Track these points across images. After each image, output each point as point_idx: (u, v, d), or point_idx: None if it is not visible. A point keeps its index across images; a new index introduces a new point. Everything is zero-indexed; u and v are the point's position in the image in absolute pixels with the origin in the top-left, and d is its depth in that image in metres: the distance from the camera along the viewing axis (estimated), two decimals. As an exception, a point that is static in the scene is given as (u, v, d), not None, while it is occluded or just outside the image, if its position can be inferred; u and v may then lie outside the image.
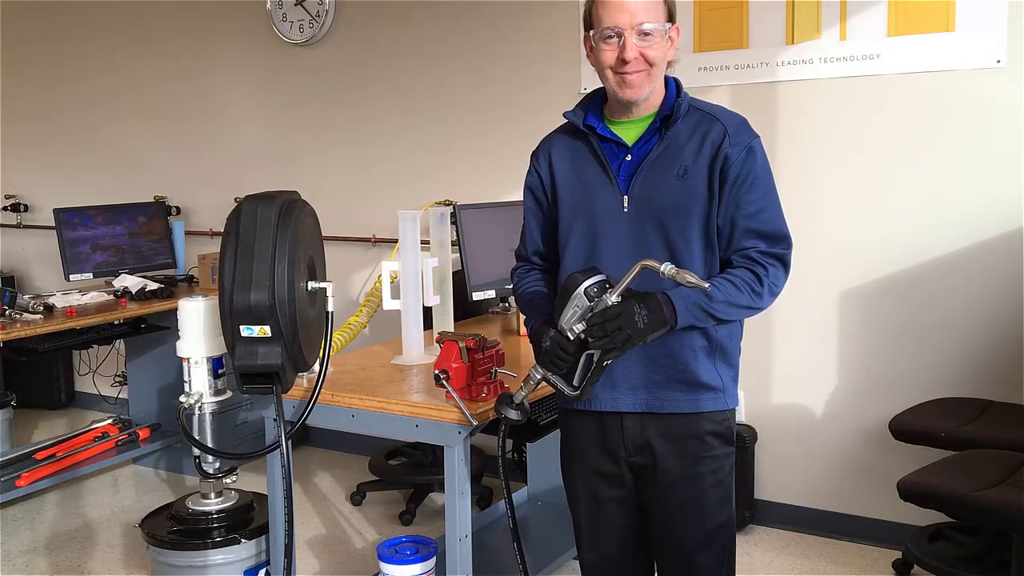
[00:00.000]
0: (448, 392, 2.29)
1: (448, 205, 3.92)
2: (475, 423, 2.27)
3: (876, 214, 3.48)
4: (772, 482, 3.75)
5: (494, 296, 3.45)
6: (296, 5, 4.63)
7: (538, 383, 1.99)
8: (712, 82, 3.69)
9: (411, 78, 4.43)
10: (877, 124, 3.45)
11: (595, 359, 1.87)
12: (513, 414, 2.04)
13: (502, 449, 2.14)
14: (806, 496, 3.71)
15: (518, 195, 2.22)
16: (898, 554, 3.32)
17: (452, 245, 3.10)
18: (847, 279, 3.55)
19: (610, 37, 1.87)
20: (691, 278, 1.75)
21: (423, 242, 2.92)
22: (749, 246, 1.91)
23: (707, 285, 1.77)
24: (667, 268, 1.76)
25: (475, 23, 4.23)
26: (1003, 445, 2.89)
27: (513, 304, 3.50)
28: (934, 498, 2.72)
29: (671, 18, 1.92)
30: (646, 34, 1.86)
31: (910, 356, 3.47)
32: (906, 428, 3.15)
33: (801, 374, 3.67)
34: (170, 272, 4.77)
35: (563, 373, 1.93)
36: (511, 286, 2.24)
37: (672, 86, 1.98)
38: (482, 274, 3.37)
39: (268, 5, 4.70)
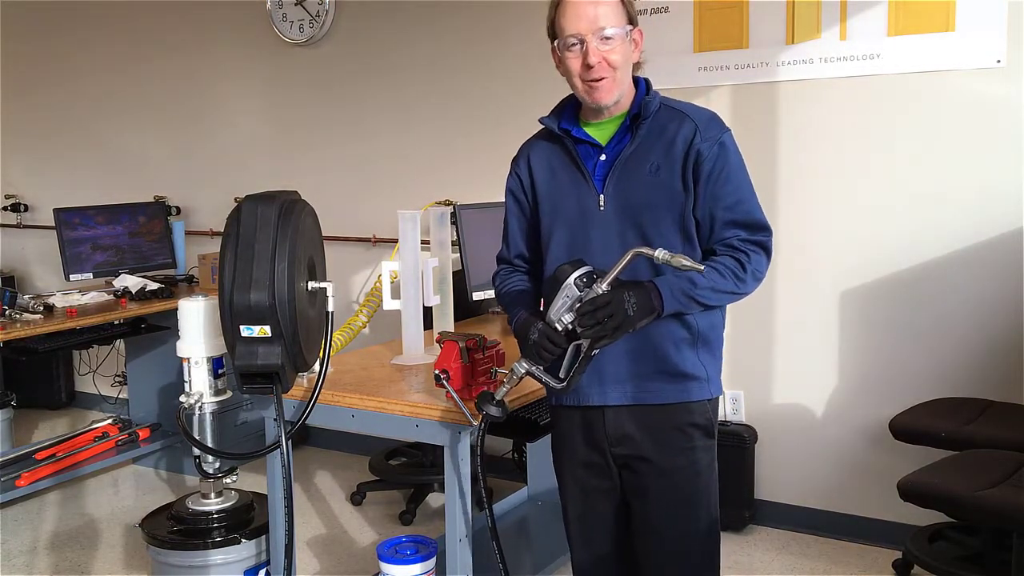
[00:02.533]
0: (448, 392, 2.29)
1: (448, 205, 3.92)
2: (475, 423, 2.26)
3: (876, 214, 3.48)
4: (772, 482, 3.75)
5: (494, 296, 3.44)
6: (296, 5, 4.63)
7: (522, 377, 1.99)
8: (712, 82, 3.69)
9: (411, 78, 4.43)
10: (877, 124, 3.45)
11: (583, 349, 1.89)
12: (494, 411, 2.04)
13: (481, 445, 2.15)
14: (806, 496, 3.70)
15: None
16: (898, 554, 3.32)
17: (452, 245, 3.10)
18: (847, 279, 3.55)
19: (573, 45, 1.93)
20: (686, 261, 1.81)
21: (423, 242, 2.92)
22: (730, 235, 1.96)
23: (702, 267, 1.84)
24: (661, 253, 1.82)
25: (475, 23, 4.23)
26: (1003, 445, 2.90)
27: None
28: (934, 498, 2.72)
29: (632, 21, 1.96)
30: (607, 39, 1.91)
31: (910, 356, 3.47)
32: (906, 428, 3.15)
33: (801, 374, 3.67)
34: (170, 272, 4.77)
35: (548, 366, 1.95)
36: (495, 288, 2.26)
37: (642, 85, 2.02)
38: (482, 274, 3.37)
39: (268, 5, 4.70)
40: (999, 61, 3.21)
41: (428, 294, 2.85)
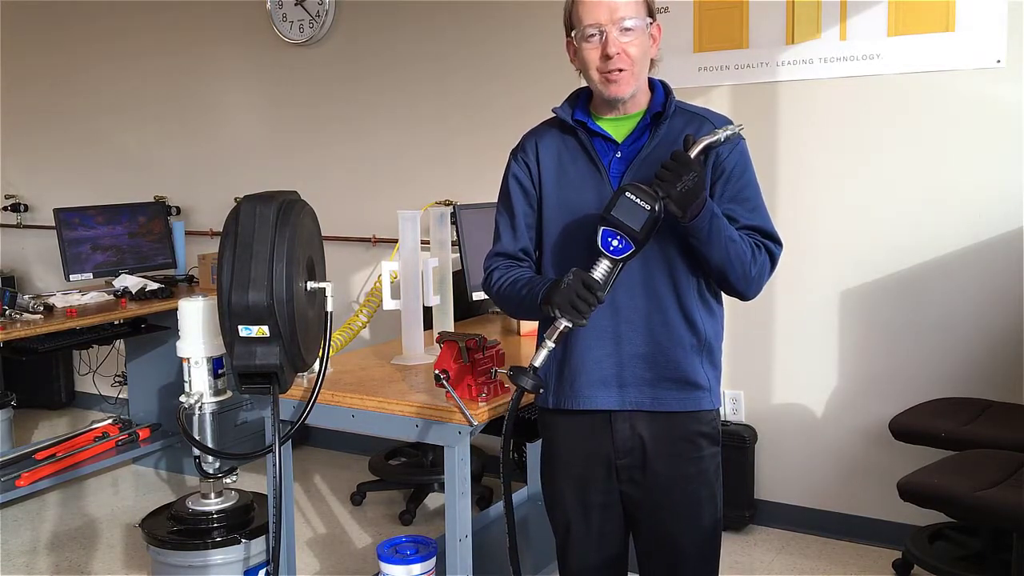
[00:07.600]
0: (448, 392, 2.29)
1: (448, 205, 3.92)
2: (475, 423, 2.26)
3: (876, 214, 3.47)
4: (772, 482, 3.75)
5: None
6: (296, 5, 4.63)
7: (561, 331, 1.80)
8: (712, 82, 3.69)
9: (411, 78, 4.43)
10: (877, 124, 3.45)
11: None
12: (528, 382, 1.83)
13: (507, 437, 1.95)
14: (806, 496, 3.70)
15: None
16: (898, 554, 3.32)
17: (452, 245, 3.10)
18: (847, 279, 3.55)
19: (592, 36, 1.87)
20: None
21: (423, 242, 2.92)
22: (745, 234, 1.91)
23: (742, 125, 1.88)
24: (722, 132, 1.82)
25: (475, 22, 4.23)
26: (1003, 445, 2.90)
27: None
28: (934, 498, 2.72)
29: (651, 14, 1.91)
30: (627, 30, 1.86)
31: (910, 356, 3.47)
32: (906, 428, 3.15)
33: (801, 374, 3.67)
34: (170, 272, 4.77)
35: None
36: (491, 285, 2.11)
37: (659, 87, 1.98)
38: (482, 274, 3.36)
39: (268, 5, 4.70)
40: (999, 61, 3.21)
41: (428, 294, 2.85)
